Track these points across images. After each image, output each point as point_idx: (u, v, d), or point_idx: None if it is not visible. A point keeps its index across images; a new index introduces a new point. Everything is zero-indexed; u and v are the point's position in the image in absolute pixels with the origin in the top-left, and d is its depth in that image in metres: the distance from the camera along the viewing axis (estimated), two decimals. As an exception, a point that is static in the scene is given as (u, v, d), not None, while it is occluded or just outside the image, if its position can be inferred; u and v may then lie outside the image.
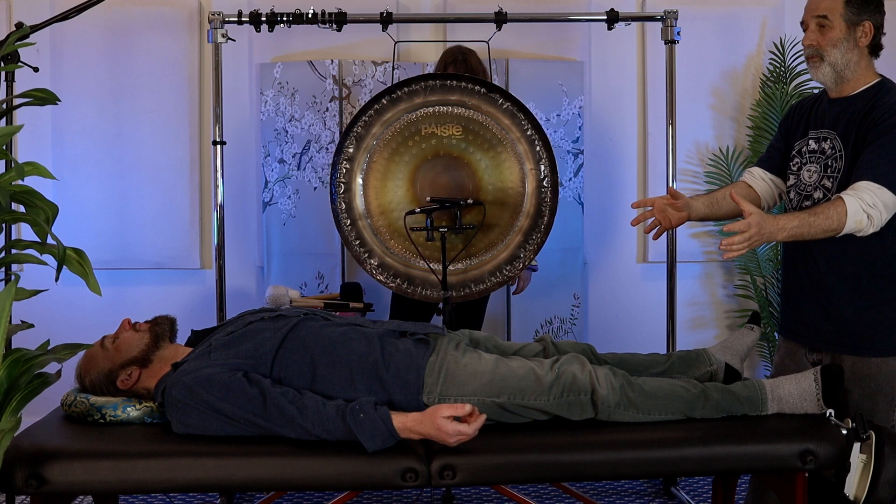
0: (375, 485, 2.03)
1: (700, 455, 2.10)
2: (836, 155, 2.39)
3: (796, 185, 2.49)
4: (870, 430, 2.13)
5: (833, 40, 2.38)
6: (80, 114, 4.07)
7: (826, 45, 2.39)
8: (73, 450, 2.02)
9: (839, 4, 2.37)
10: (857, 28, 2.38)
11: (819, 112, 2.50)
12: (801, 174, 2.48)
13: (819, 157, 2.44)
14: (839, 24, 2.37)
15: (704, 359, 2.42)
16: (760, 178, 2.64)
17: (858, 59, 2.40)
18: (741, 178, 2.71)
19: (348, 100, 4.00)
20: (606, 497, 3.46)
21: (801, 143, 2.51)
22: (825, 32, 2.39)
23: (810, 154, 2.47)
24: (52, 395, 2.19)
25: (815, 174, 2.43)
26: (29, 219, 1.95)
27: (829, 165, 2.40)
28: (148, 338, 2.29)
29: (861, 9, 2.38)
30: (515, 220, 3.28)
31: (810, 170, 2.45)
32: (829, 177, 2.40)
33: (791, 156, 2.53)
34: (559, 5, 4.07)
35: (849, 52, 2.38)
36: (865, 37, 2.39)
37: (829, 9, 2.38)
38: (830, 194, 2.37)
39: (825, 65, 2.40)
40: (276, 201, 4.03)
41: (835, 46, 2.38)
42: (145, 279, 4.17)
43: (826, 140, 2.43)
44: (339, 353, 2.19)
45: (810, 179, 2.44)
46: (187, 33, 4.12)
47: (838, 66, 2.40)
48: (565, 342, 2.43)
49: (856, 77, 2.41)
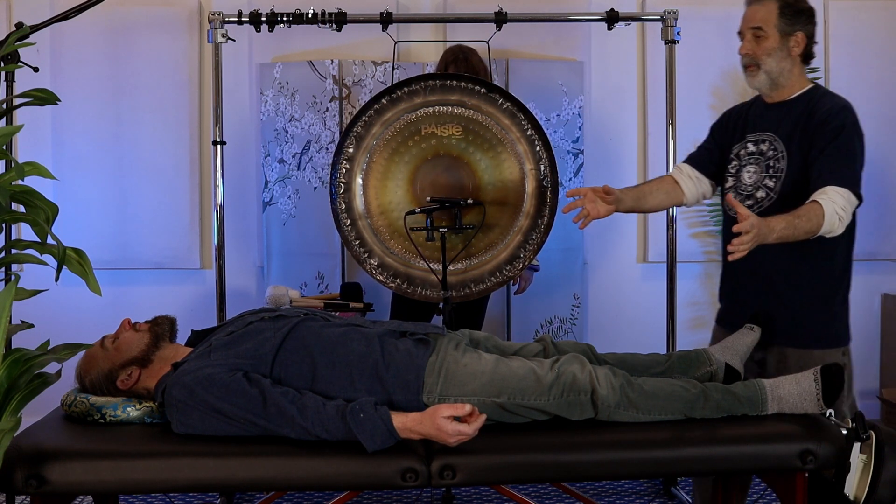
0: (375, 485, 2.03)
1: (700, 455, 2.10)
2: (779, 156, 2.53)
3: (736, 186, 2.62)
4: (870, 430, 2.13)
5: (768, 50, 2.53)
6: (80, 114, 4.07)
7: (761, 54, 2.53)
8: (73, 450, 2.02)
9: (773, 16, 2.52)
10: (790, 38, 2.53)
11: (755, 116, 2.63)
12: (741, 176, 2.60)
13: (759, 159, 2.57)
14: (773, 34, 2.52)
15: (704, 359, 2.42)
16: (689, 175, 2.77)
17: (791, 67, 2.55)
18: (669, 173, 2.83)
19: (348, 100, 4.00)
20: (606, 497, 3.46)
21: (739, 147, 2.64)
22: (760, 42, 2.53)
23: (749, 156, 2.60)
24: (52, 395, 2.19)
25: (755, 175, 2.56)
26: (29, 219, 1.95)
27: (771, 166, 2.54)
28: (148, 338, 2.29)
29: (794, 20, 2.52)
30: (515, 221, 3.28)
31: (750, 171, 2.58)
32: (772, 177, 2.53)
33: (729, 159, 2.67)
34: (559, 5, 4.07)
35: (783, 60, 2.54)
36: (798, 46, 2.54)
37: (764, 20, 2.52)
38: (773, 193, 2.50)
39: (761, 73, 2.55)
40: (276, 201, 4.03)
41: (769, 55, 2.53)
42: (145, 279, 4.17)
43: (765, 142, 2.57)
44: (339, 353, 2.19)
45: (750, 180, 2.57)
46: (187, 33, 4.12)
47: (773, 74, 2.54)
48: (565, 342, 2.43)
49: (790, 83, 2.56)
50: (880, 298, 4.45)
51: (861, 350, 4.40)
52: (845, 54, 4.32)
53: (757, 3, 2.55)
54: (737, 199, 2.53)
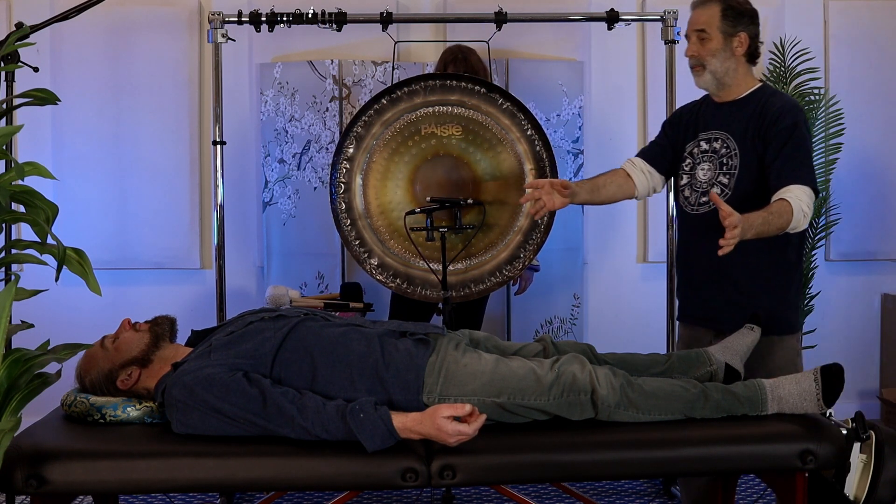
0: (375, 485, 2.03)
1: (700, 455, 2.10)
2: (731, 154, 2.62)
3: (691, 184, 2.71)
4: (870, 430, 2.14)
5: (712, 51, 2.62)
6: (80, 114, 4.07)
7: (706, 55, 2.62)
8: (73, 450, 2.02)
9: (716, 18, 2.61)
10: (732, 39, 2.62)
11: (706, 115, 2.72)
12: (696, 173, 2.69)
13: (712, 157, 2.66)
14: (717, 35, 2.61)
15: (704, 359, 2.42)
16: (641, 169, 2.84)
17: (736, 67, 2.64)
18: (622, 166, 2.88)
19: (348, 100, 4.00)
20: (606, 497, 3.46)
21: (692, 145, 2.73)
22: (705, 44, 2.62)
23: (702, 154, 2.69)
24: (52, 395, 2.19)
25: (709, 172, 2.65)
26: (29, 219, 1.95)
27: (725, 164, 2.63)
28: (148, 338, 2.29)
29: (736, 22, 2.61)
30: (515, 221, 3.28)
31: (704, 168, 2.67)
32: (726, 174, 2.62)
33: (683, 157, 2.75)
34: (559, 5, 4.07)
35: (727, 60, 2.62)
36: (741, 46, 2.62)
37: (708, 22, 2.61)
38: (728, 189, 2.60)
39: (706, 73, 2.64)
40: (276, 201, 4.03)
41: (714, 56, 2.62)
42: (145, 279, 4.17)
43: (717, 140, 2.66)
44: (339, 353, 2.19)
45: (705, 177, 2.66)
46: (187, 33, 4.12)
47: (718, 74, 2.63)
48: (565, 342, 2.43)
49: (736, 83, 2.65)
50: (880, 298, 4.45)
51: (861, 350, 4.43)
52: (845, 54, 4.32)
53: (701, 7, 2.65)
54: (693, 195, 2.68)
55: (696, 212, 2.67)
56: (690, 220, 2.71)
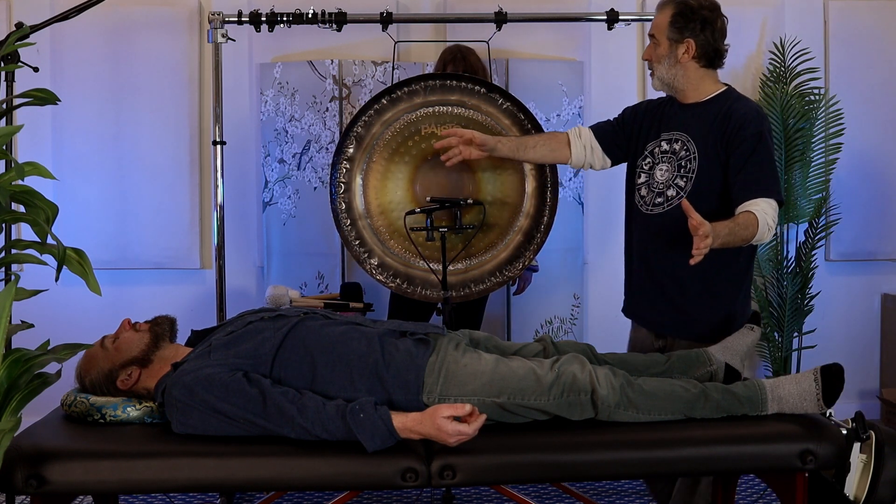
0: (375, 485, 2.03)
1: (700, 455, 2.10)
2: (690, 157, 2.59)
3: (648, 183, 2.68)
4: (870, 430, 2.14)
5: (659, 56, 2.62)
6: (80, 114, 4.07)
7: (655, 60, 2.64)
8: (73, 450, 2.02)
9: (664, 25, 2.60)
10: (678, 46, 2.59)
11: (669, 115, 2.70)
12: (654, 173, 2.66)
13: (671, 158, 2.64)
14: (664, 42, 2.61)
15: (704, 359, 2.42)
16: (587, 141, 2.82)
17: (685, 73, 2.61)
18: (568, 131, 2.85)
19: (348, 100, 4.00)
20: (606, 497, 3.46)
21: (654, 144, 2.70)
22: (655, 49, 2.63)
23: (662, 154, 2.66)
24: (52, 395, 2.19)
25: (667, 173, 2.63)
26: (29, 219, 1.95)
27: (683, 166, 2.60)
28: (148, 338, 2.29)
29: (684, 28, 2.58)
30: (515, 221, 3.28)
31: (662, 169, 2.64)
32: (683, 176, 2.59)
33: (643, 154, 2.72)
34: (559, 5, 4.07)
35: (672, 67, 2.61)
36: (687, 53, 2.59)
37: (658, 28, 2.62)
38: (684, 193, 2.57)
39: (656, 78, 2.65)
40: (276, 201, 4.03)
41: (659, 62, 2.63)
42: (145, 279, 4.17)
43: (677, 142, 2.63)
44: (339, 352, 2.19)
45: (662, 178, 2.63)
46: (187, 33, 4.12)
47: (665, 80, 2.64)
48: (565, 342, 2.43)
49: (692, 87, 2.63)
50: (880, 298, 4.45)
51: (861, 350, 4.43)
52: (845, 54, 4.32)
53: (658, 11, 2.65)
54: (649, 195, 2.65)
55: (651, 212, 2.64)
56: (644, 220, 2.68)
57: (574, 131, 2.83)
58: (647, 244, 2.67)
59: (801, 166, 4.11)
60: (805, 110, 4.08)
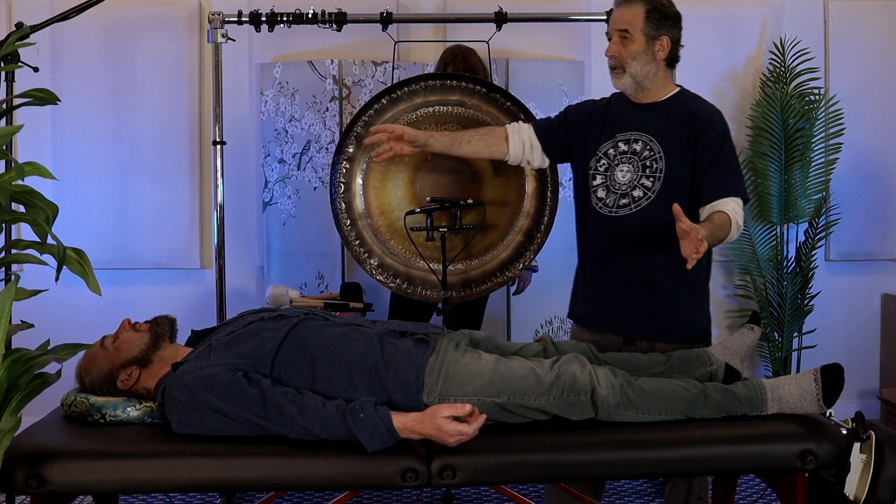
0: (375, 485, 2.03)
1: (700, 455, 2.10)
2: (656, 156, 2.56)
3: (607, 185, 2.62)
4: (870, 430, 2.14)
5: (633, 53, 2.55)
6: (80, 114, 4.07)
7: (627, 57, 2.56)
8: (73, 450, 2.02)
9: (639, 20, 2.54)
10: (655, 42, 2.56)
11: (624, 115, 2.64)
12: (615, 175, 2.60)
13: (632, 158, 2.59)
14: (639, 38, 2.55)
15: (704, 359, 2.41)
16: (526, 138, 2.76)
17: (656, 71, 2.59)
18: (505, 126, 2.80)
19: (348, 100, 4.00)
20: (606, 497, 3.46)
21: (609, 146, 2.64)
22: (626, 45, 2.56)
23: (621, 155, 2.61)
24: (52, 395, 2.19)
25: (630, 174, 2.58)
26: (29, 219, 1.95)
27: (648, 166, 2.57)
28: (148, 338, 2.29)
29: (659, 25, 2.56)
30: (515, 221, 3.28)
31: (623, 170, 2.59)
32: (650, 177, 2.56)
33: (597, 157, 2.65)
34: (559, 5, 4.07)
35: (647, 64, 2.57)
36: (663, 50, 2.57)
37: (631, 23, 2.55)
38: (651, 193, 2.55)
39: (626, 75, 2.58)
40: (276, 201, 4.03)
41: (635, 59, 2.56)
42: (145, 279, 4.17)
43: (637, 142, 2.59)
44: (339, 353, 2.19)
45: (625, 179, 2.59)
46: (187, 33, 4.12)
47: (638, 77, 2.57)
48: (565, 342, 2.43)
49: (656, 86, 2.60)
50: (880, 298, 4.45)
51: (861, 350, 4.43)
52: (845, 54, 4.33)
53: (625, 6, 2.58)
54: (610, 197, 2.60)
55: (616, 214, 2.59)
56: (607, 222, 2.61)
57: (513, 126, 2.77)
58: (614, 246, 2.61)
59: (801, 166, 4.11)
60: (805, 110, 4.09)
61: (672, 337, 2.59)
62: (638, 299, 2.59)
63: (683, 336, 2.59)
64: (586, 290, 2.73)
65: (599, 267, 2.67)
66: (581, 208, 2.72)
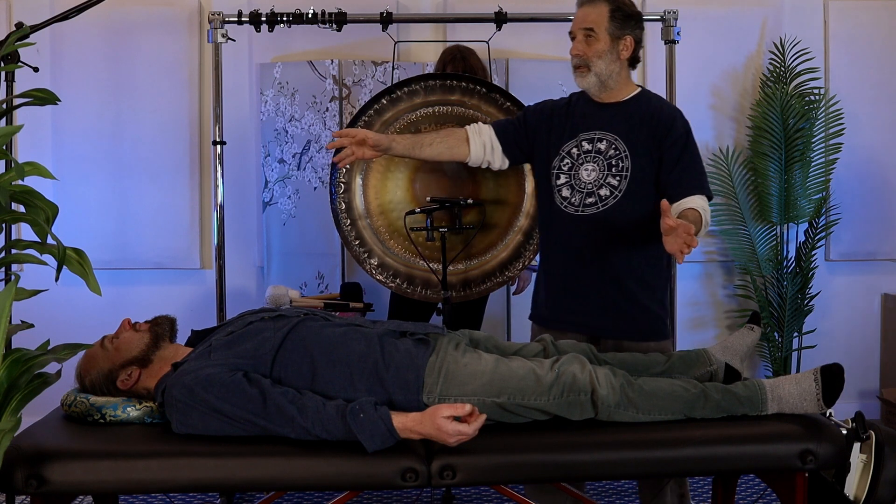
0: (375, 485, 2.03)
1: (700, 455, 2.10)
2: (621, 155, 2.59)
3: (571, 184, 2.63)
4: (870, 430, 2.14)
5: (598, 52, 2.58)
6: (80, 114, 4.07)
7: (592, 56, 2.59)
8: (73, 450, 2.02)
9: (604, 19, 2.57)
10: (619, 42, 2.59)
11: (585, 115, 2.67)
12: (580, 174, 2.62)
13: (597, 157, 2.61)
14: (604, 37, 2.58)
15: (704, 359, 2.41)
16: (486, 140, 2.76)
17: (620, 70, 2.62)
18: (465, 128, 2.78)
19: (348, 100, 4.00)
20: (606, 497, 3.46)
21: (572, 145, 2.65)
22: (591, 44, 2.59)
23: (585, 154, 2.63)
24: (52, 395, 2.19)
25: (595, 173, 2.60)
26: (29, 219, 1.95)
27: (614, 165, 2.59)
28: (148, 338, 2.29)
29: (624, 24, 2.59)
30: (515, 220, 3.28)
31: (588, 169, 2.61)
32: (616, 175, 2.59)
33: (560, 156, 2.66)
34: (559, 5, 4.06)
35: (612, 63, 2.60)
36: (626, 50, 2.61)
37: (596, 22, 2.58)
38: (618, 192, 2.57)
39: (591, 74, 2.60)
40: (276, 201, 4.03)
41: (600, 58, 2.59)
42: (145, 279, 4.17)
43: (602, 141, 2.62)
44: (339, 353, 2.19)
45: (590, 178, 2.60)
46: (187, 33, 4.12)
47: (602, 76, 2.60)
48: (565, 342, 2.43)
49: (619, 86, 2.63)
50: (880, 298, 4.45)
51: (861, 350, 4.43)
52: (845, 54, 4.32)
53: (589, 5, 2.60)
54: (575, 196, 2.61)
55: (582, 213, 2.60)
56: (573, 221, 2.62)
57: (473, 128, 2.77)
58: (581, 245, 2.62)
59: (801, 166, 4.11)
60: (805, 110, 4.09)
61: (636, 334, 2.62)
62: (604, 297, 2.62)
63: (648, 332, 2.62)
64: (549, 289, 2.73)
65: (564, 266, 2.67)
66: (544, 208, 2.73)
